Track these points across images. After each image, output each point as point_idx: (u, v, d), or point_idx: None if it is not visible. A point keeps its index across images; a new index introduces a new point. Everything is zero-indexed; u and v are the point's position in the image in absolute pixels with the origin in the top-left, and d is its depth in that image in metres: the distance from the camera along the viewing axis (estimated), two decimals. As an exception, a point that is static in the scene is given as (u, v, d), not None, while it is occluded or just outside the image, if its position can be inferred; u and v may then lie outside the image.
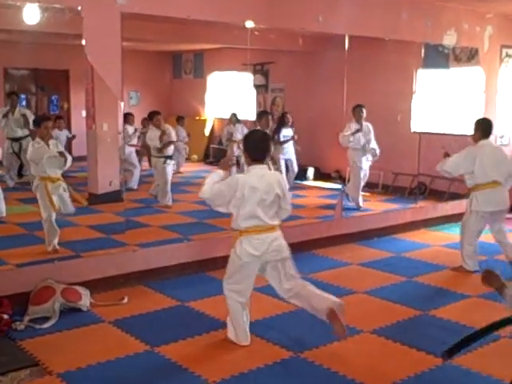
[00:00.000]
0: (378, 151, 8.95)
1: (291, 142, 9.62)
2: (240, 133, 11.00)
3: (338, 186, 9.47)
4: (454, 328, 4.91)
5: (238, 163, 4.65)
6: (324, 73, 10.73)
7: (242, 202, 4.19)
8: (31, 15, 5.67)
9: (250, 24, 6.78)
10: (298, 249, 6.91)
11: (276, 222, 4.33)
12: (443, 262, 6.79)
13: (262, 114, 8.32)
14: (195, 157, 13.44)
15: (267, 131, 7.93)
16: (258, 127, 8.13)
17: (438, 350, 4.41)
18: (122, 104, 5.95)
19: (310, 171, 11.15)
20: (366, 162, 9.02)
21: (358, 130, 8.70)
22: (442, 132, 9.87)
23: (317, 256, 7.02)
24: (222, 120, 13.14)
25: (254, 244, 4.25)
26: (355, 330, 4.79)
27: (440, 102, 9.72)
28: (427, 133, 9.47)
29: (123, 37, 5.60)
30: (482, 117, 6.95)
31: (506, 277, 3.04)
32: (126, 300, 5.32)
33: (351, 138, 8.68)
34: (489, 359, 4.35)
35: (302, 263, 6.55)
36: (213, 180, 4.32)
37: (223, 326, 4.80)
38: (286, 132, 9.63)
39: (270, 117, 8.64)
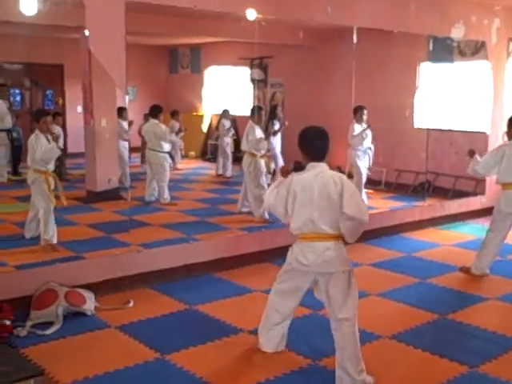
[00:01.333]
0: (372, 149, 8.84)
1: (278, 136, 9.52)
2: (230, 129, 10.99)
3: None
4: (475, 333, 4.71)
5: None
6: (325, 67, 10.55)
7: (293, 202, 3.79)
8: (29, 6, 5.40)
9: (253, 15, 6.56)
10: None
11: (334, 231, 3.74)
12: (455, 262, 6.58)
13: (255, 110, 8.11)
14: (193, 153, 13.22)
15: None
16: (251, 122, 7.94)
17: (461, 357, 4.26)
18: (127, 97, 5.70)
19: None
20: (367, 162, 8.87)
21: (365, 130, 8.53)
22: (447, 128, 9.70)
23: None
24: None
25: (305, 252, 3.79)
26: (374, 336, 4.59)
27: (444, 97, 9.53)
28: (433, 129, 9.29)
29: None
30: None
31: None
32: (131, 303, 5.08)
33: (360, 138, 8.56)
34: (517, 366, 4.16)
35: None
36: (273, 186, 3.99)
37: (235, 331, 4.60)
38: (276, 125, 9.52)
39: (262, 112, 8.46)
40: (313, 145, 3.84)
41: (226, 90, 12.97)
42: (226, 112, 11.42)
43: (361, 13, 6.96)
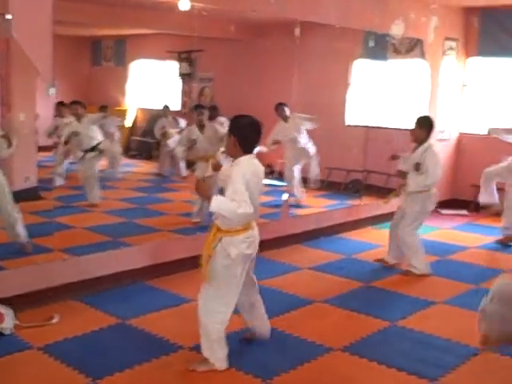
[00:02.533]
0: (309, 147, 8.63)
1: None
2: (173, 126, 10.34)
3: (273, 182, 9.01)
4: (430, 342, 4.48)
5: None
6: (259, 62, 10.21)
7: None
8: None
9: (187, 5, 6.14)
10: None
11: None
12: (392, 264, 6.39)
13: (197, 108, 7.68)
14: (115, 150, 12.57)
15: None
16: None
17: (419, 370, 4.00)
18: (54, 90, 5.10)
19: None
20: (299, 159, 8.67)
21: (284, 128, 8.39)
22: (379, 126, 9.55)
23: (264, 259, 6.43)
24: (145, 110, 12.37)
25: (255, 241, 3.84)
26: (324, 348, 4.27)
27: (379, 94, 9.39)
28: (366, 126, 9.15)
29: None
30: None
31: None
32: (56, 319, 4.53)
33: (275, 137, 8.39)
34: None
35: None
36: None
37: (174, 348, 4.16)
38: None
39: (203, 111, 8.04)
40: (250, 137, 3.75)
41: (153, 84, 12.43)
42: (166, 109, 10.78)
43: (304, 6, 6.66)
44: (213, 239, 3.73)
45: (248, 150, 3.73)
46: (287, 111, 8.47)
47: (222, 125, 7.84)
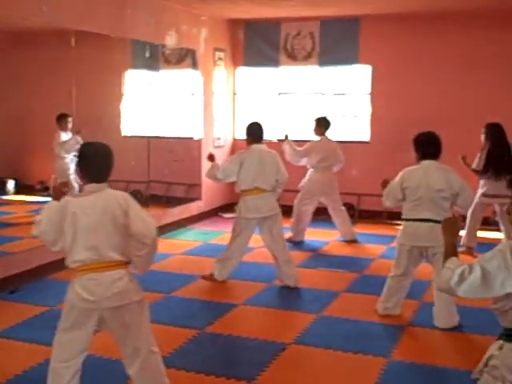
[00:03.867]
0: None
1: None
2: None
3: (47, 199, 8.57)
4: (240, 344, 4.67)
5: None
6: (30, 73, 9.60)
7: (73, 228, 3.21)
8: None
9: None
10: (34, 275, 6.03)
11: (122, 258, 3.30)
12: (193, 270, 6.52)
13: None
14: None
15: None
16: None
17: (236, 372, 4.14)
18: None
19: (11, 184, 9.90)
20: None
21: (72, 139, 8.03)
22: (164, 135, 9.62)
23: (56, 282, 6.11)
24: None
25: (90, 286, 3.23)
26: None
27: (155, 104, 9.46)
28: (143, 136, 9.15)
29: None
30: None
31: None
32: None
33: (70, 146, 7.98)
34: None
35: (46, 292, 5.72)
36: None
37: None
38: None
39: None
40: (94, 164, 3.34)
41: None
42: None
43: (78, 15, 6.44)
44: None
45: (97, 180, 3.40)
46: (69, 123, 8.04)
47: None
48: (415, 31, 8.79)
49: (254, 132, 6.03)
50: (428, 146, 4.98)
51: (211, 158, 6.06)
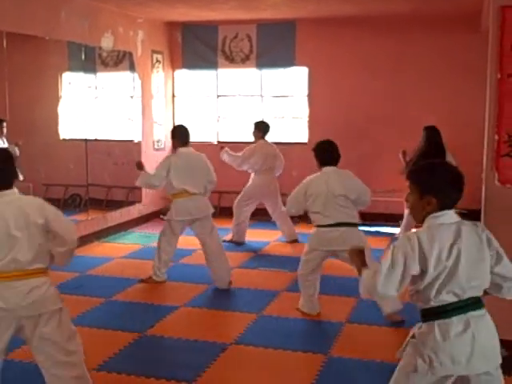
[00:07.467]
0: None
1: None
2: None
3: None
4: (180, 346, 4.70)
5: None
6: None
7: None
8: None
9: None
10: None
11: (40, 265, 3.22)
12: (133, 274, 6.49)
13: None
14: None
15: None
16: None
17: (176, 374, 4.16)
18: None
19: None
20: None
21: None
22: (103, 138, 9.51)
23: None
24: None
25: (4, 294, 3.15)
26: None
27: (92, 107, 9.35)
28: (89, 140, 9.03)
29: None
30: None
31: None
32: None
33: None
34: None
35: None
36: None
37: None
38: None
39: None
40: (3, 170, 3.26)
41: None
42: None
43: (9, 16, 6.32)
44: None
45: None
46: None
47: None
48: (349, 34, 9.00)
49: (181, 135, 6.07)
50: (326, 154, 5.19)
51: (140, 165, 6.08)
